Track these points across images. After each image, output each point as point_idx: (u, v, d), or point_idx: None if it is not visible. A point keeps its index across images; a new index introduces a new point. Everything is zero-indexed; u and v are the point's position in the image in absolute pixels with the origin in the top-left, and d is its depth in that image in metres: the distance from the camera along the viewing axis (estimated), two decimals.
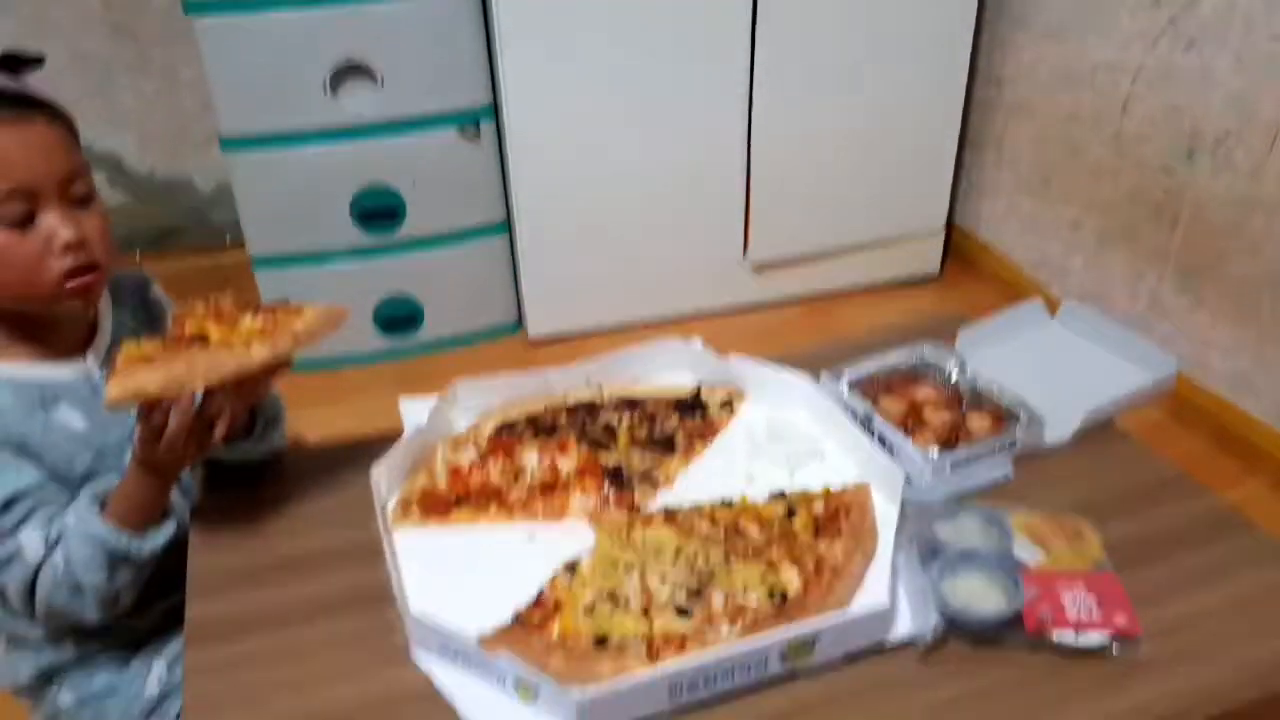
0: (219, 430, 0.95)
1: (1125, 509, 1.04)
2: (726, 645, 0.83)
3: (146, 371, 0.87)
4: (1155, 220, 1.94)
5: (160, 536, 0.98)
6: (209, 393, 0.92)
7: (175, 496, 1.02)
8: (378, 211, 2.17)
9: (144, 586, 1.02)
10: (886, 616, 0.86)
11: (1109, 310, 2.09)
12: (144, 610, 1.07)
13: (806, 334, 2.38)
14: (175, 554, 1.01)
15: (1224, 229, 1.78)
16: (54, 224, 0.93)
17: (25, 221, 0.93)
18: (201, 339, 0.93)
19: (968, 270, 2.62)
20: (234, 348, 0.92)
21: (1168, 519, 1.03)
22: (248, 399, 1.02)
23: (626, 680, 0.78)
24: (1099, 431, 1.17)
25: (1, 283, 0.94)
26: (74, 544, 0.94)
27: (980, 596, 0.89)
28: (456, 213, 2.25)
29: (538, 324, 2.38)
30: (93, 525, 0.94)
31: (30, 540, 0.95)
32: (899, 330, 1.39)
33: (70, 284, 0.96)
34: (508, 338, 2.43)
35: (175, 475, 0.99)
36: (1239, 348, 1.78)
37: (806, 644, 0.83)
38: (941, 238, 2.55)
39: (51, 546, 0.95)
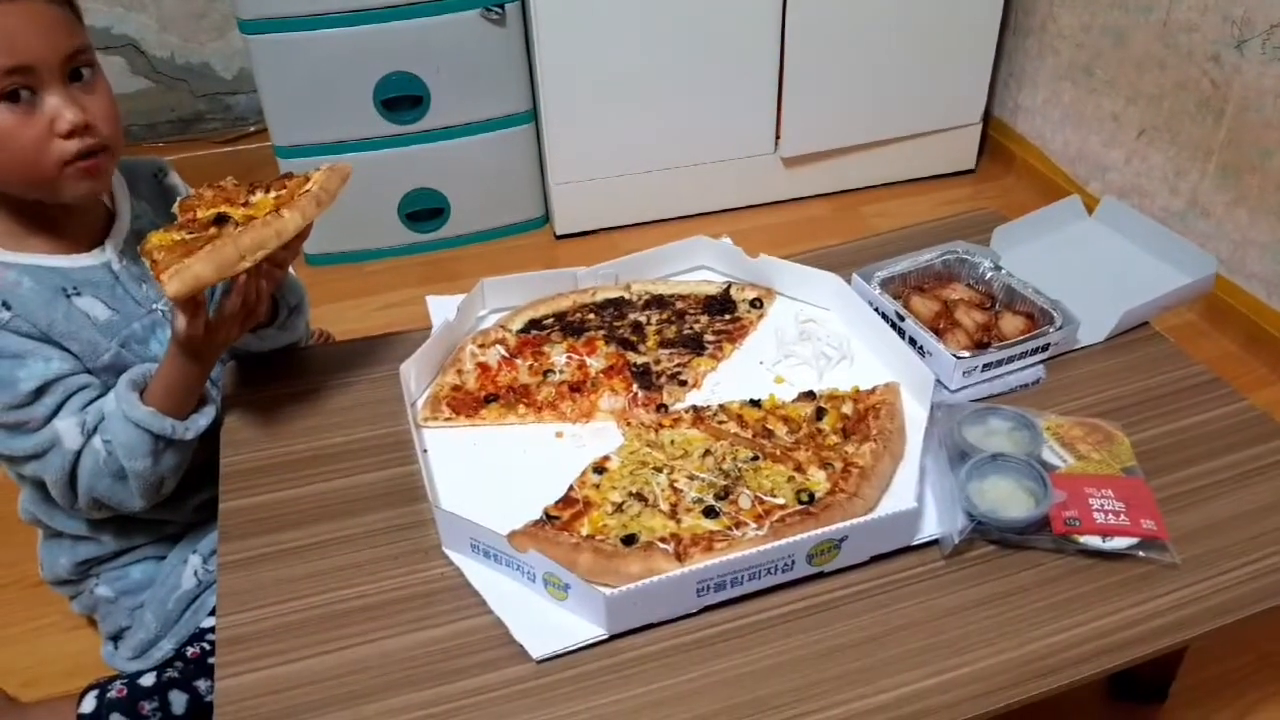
0: (261, 306, 0.96)
1: (1157, 412, 1.02)
2: (753, 545, 0.83)
3: (196, 260, 0.84)
4: (1200, 113, 1.84)
5: (203, 419, 0.99)
6: (248, 273, 0.91)
7: (208, 386, 1.02)
8: (401, 99, 2.11)
9: (177, 487, 1.03)
10: (913, 518, 0.86)
11: (1147, 207, 2.01)
12: (179, 504, 1.08)
13: (837, 231, 2.32)
14: (208, 448, 1.02)
15: (1273, 123, 1.69)
16: (57, 106, 0.89)
17: (27, 103, 0.88)
18: (221, 221, 0.91)
19: (1003, 165, 2.53)
20: (269, 219, 0.89)
21: (1200, 423, 1.01)
22: (277, 276, 1.01)
23: (655, 578, 0.78)
24: (1134, 332, 1.14)
25: (4, 167, 0.90)
26: (117, 429, 0.94)
27: (1008, 499, 0.88)
28: (481, 101, 2.17)
29: (564, 218, 2.33)
30: (136, 410, 0.93)
31: (67, 428, 0.94)
32: (932, 229, 1.35)
33: (77, 165, 0.91)
34: (534, 233, 2.38)
35: (215, 359, 0.98)
36: (1279, 246, 1.72)
37: (833, 545, 0.83)
38: (979, 130, 2.45)
39: (90, 433, 0.95)
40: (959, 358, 1.04)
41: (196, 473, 1.05)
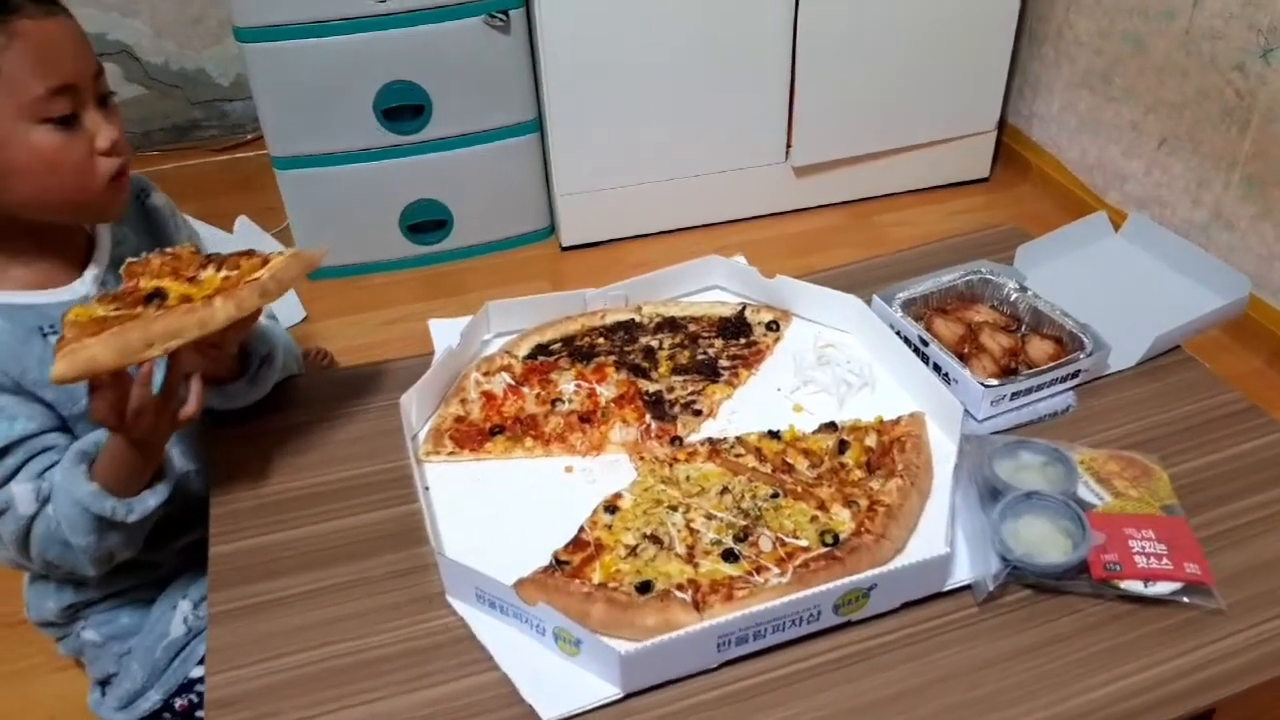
0: (191, 403, 0.87)
1: (1194, 443, 0.98)
2: (777, 595, 0.78)
3: (97, 342, 0.77)
4: (1223, 123, 1.81)
5: (152, 499, 0.91)
6: (174, 355, 0.83)
7: (172, 452, 0.96)
8: (403, 109, 2.07)
9: (163, 524, 0.97)
10: (946, 564, 0.82)
11: (1168, 218, 1.98)
12: (166, 546, 1.04)
13: (852, 240, 2.28)
14: (197, 486, 0.97)
15: None
16: (97, 123, 0.88)
17: (71, 121, 0.86)
18: (154, 298, 0.84)
19: (1019, 173, 2.49)
20: (195, 305, 0.82)
21: (1239, 455, 0.97)
22: (222, 357, 0.94)
23: (673, 634, 0.74)
24: (1165, 356, 1.10)
25: (52, 190, 0.88)
26: (60, 502, 0.88)
27: (1044, 541, 0.84)
28: (485, 110, 2.14)
29: (570, 230, 2.30)
30: (78, 488, 0.86)
31: (22, 493, 0.89)
32: (953, 246, 1.31)
33: (118, 181, 0.91)
34: (539, 244, 2.35)
35: (157, 445, 0.90)
36: None
37: (861, 594, 0.78)
38: (993, 138, 2.41)
39: (44, 501, 0.90)
40: (987, 386, 0.99)
41: (187, 511, 1.00)
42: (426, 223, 2.22)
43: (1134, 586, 0.80)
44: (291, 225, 2.19)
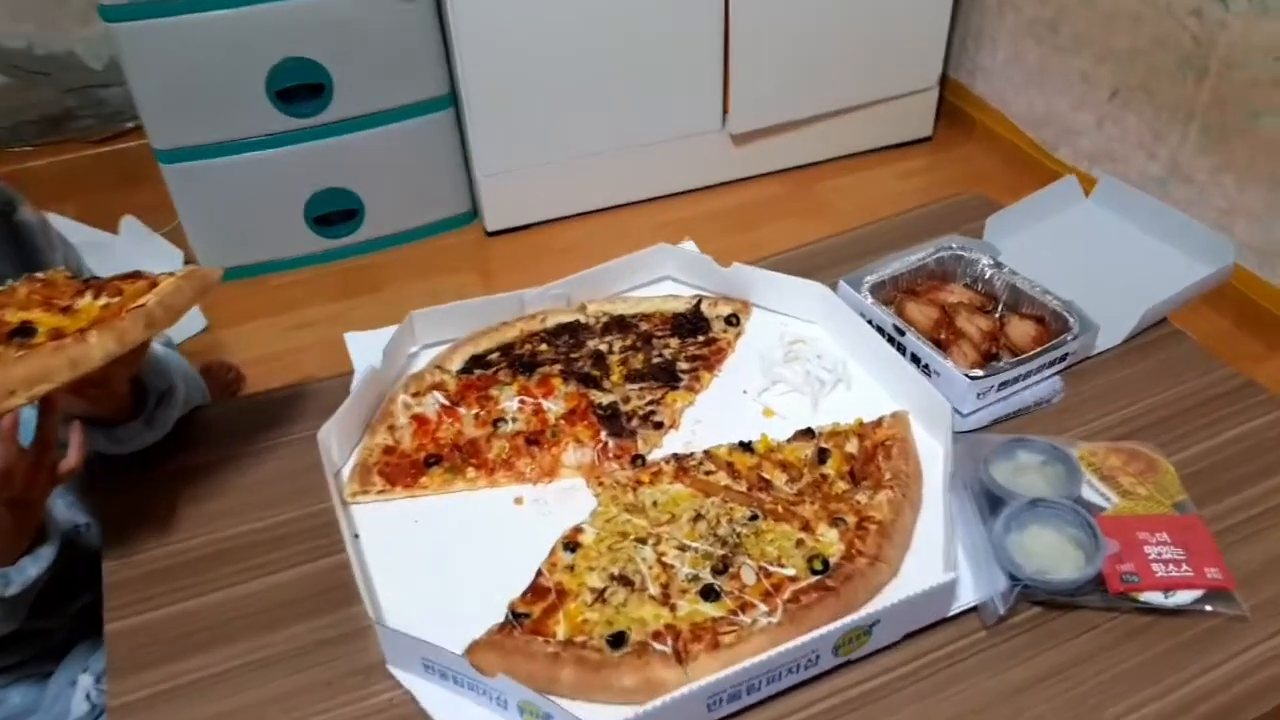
0: (72, 455, 0.78)
1: (1193, 426, 0.95)
2: (768, 639, 0.72)
3: None
4: (1180, 71, 1.78)
5: (32, 568, 0.81)
6: (47, 400, 0.74)
7: (56, 504, 0.86)
8: (299, 89, 1.93)
9: (53, 586, 0.87)
10: (952, 589, 0.76)
11: (1122, 173, 1.96)
12: (59, 611, 0.93)
13: (795, 210, 2.23)
14: (90, 539, 0.87)
15: (1261, 81, 1.64)
16: None
17: None
18: (20, 334, 0.75)
19: (963, 131, 2.46)
20: (65, 343, 0.73)
21: (1240, 436, 0.94)
22: (108, 396, 0.84)
23: (659, 701, 0.67)
24: (1152, 331, 1.06)
25: None
26: None
27: (1053, 554, 0.78)
28: (392, 87, 2.01)
29: (495, 213, 2.19)
30: None
31: None
32: (915, 220, 1.26)
33: None
34: (461, 230, 2.24)
35: (35, 505, 0.81)
36: (1270, 214, 1.67)
37: (863, 631, 0.72)
38: (935, 95, 2.37)
39: None
40: (972, 378, 0.94)
41: (80, 570, 0.90)
42: (334, 214, 2.09)
43: (1154, 598, 0.76)
44: (183, 224, 2.04)
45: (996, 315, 1.06)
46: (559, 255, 2.08)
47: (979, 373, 0.95)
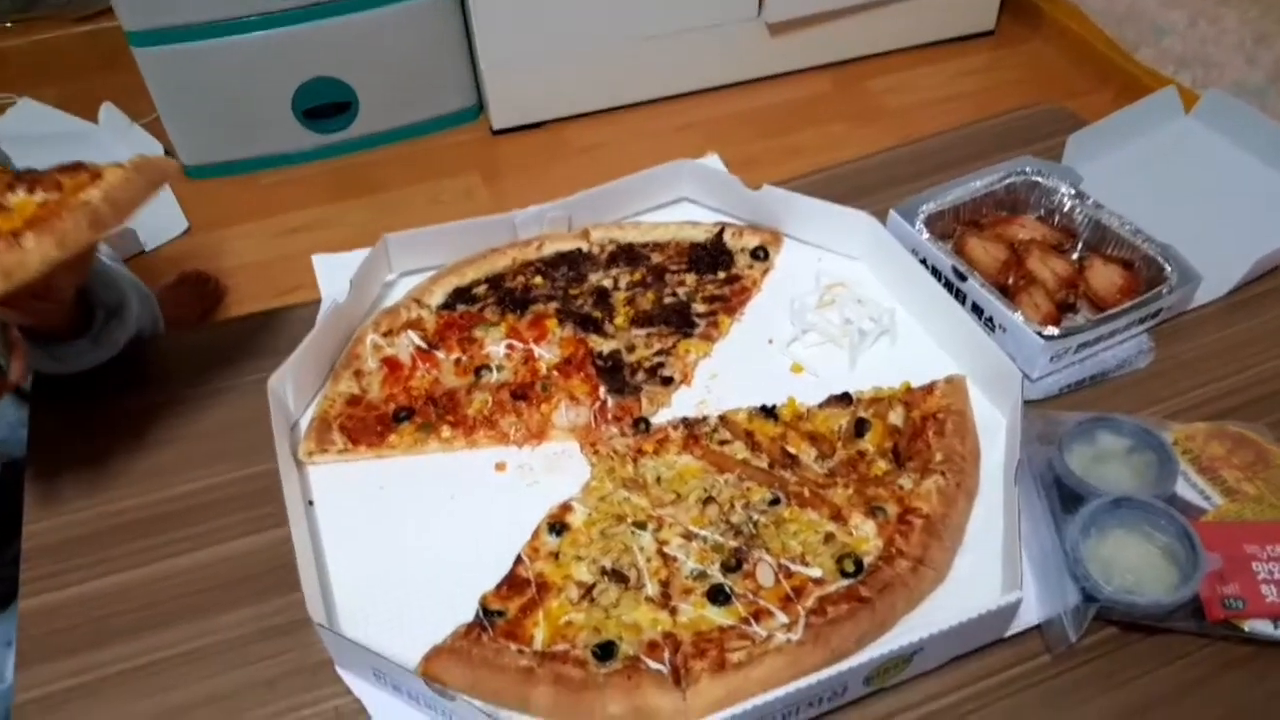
0: (12, 369, 0.70)
1: None
2: (785, 660, 0.61)
3: None
4: None
5: None
6: None
7: None
8: None
9: None
10: (1014, 611, 0.64)
11: (1215, 80, 1.76)
12: None
13: (839, 114, 2.05)
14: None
15: None
16: None
17: None
18: None
19: (1029, 25, 2.25)
20: None
21: None
22: (51, 309, 0.76)
23: None
24: (1265, 282, 0.93)
25: None
26: None
27: (1140, 567, 0.66)
28: None
29: (502, 109, 2.04)
30: None
31: None
32: (982, 134, 1.13)
33: None
34: (466, 128, 2.09)
35: None
36: None
37: (902, 661, 0.61)
38: None
39: None
40: (1048, 337, 0.81)
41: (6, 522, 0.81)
42: (326, 106, 1.96)
43: (1261, 627, 0.64)
44: (161, 115, 1.91)
45: (1075, 257, 0.93)
46: (573, 158, 1.94)
47: (1054, 331, 0.81)
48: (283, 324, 0.92)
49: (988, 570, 0.68)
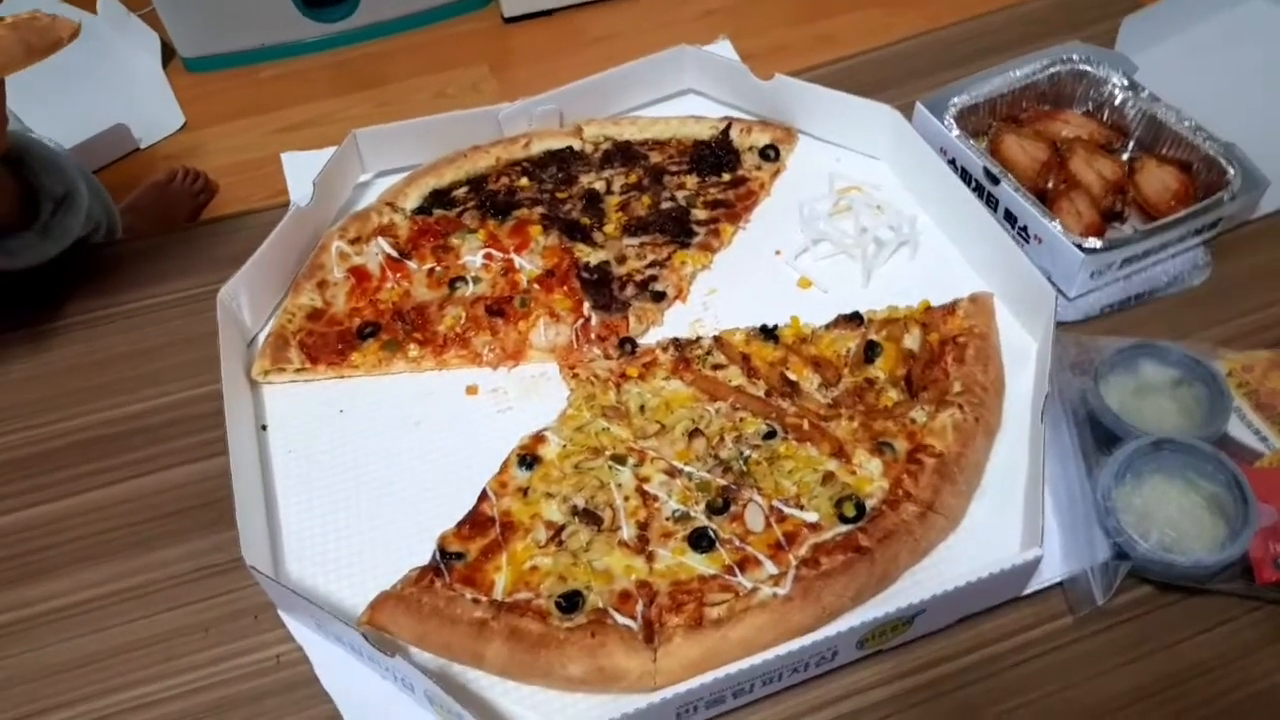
0: None
1: None
2: (769, 618, 0.54)
3: None
4: None
5: None
6: None
7: None
8: None
9: None
10: (1033, 569, 0.56)
11: None
12: None
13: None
14: None
15: None
16: None
17: None
18: None
19: None
20: None
21: None
22: None
23: (609, 707, 0.50)
24: None
25: None
26: None
27: (1183, 519, 0.58)
28: None
29: None
30: None
31: None
32: (1025, 19, 1.01)
33: None
34: (475, 15, 1.96)
35: None
36: None
37: (901, 624, 0.53)
38: None
39: None
40: (1089, 251, 0.70)
41: None
42: None
43: None
44: (158, 5, 1.79)
45: (1126, 158, 0.82)
46: (589, 47, 1.80)
47: (1096, 243, 0.71)
48: (249, 229, 0.83)
49: (1006, 519, 0.60)
